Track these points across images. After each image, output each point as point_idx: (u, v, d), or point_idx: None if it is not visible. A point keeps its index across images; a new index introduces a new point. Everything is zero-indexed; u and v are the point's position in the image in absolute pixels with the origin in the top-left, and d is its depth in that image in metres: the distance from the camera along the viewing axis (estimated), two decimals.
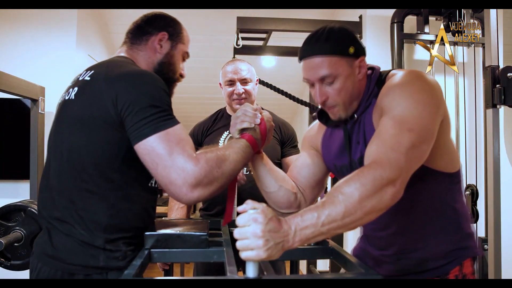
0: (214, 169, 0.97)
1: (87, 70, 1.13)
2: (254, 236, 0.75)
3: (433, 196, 1.08)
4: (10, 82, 2.10)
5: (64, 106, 1.09)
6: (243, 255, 0.76)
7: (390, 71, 1.10)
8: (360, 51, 1.07)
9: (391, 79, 1.05)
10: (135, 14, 1.28)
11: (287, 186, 1.22)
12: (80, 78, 1.10)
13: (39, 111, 2.41)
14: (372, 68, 1.12)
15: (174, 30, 1.26)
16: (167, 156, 0.94)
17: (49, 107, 2.63)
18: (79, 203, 1.01)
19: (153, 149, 0.95)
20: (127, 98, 0.97)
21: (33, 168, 2.38)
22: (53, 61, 2.76)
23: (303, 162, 1.29)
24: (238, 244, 0.76)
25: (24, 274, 2.19)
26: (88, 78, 1.07)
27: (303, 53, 1.10)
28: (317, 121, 1.28)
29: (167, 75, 1.23)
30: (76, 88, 1.08)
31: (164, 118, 0.98)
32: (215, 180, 0.98)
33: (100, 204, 1.01)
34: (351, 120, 1.10)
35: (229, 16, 2.99)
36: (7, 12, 2.75)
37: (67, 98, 1.10)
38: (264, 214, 0.77)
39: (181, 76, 1.29)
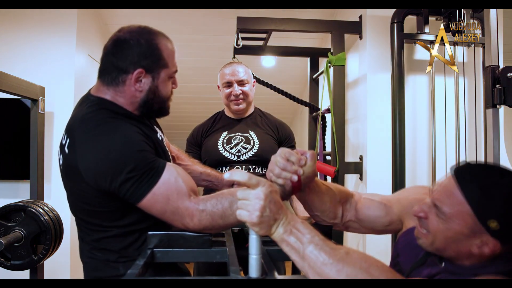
0: (216, 222, 1.03)
1: (66, 132, 1.13)
2: (256, 197, 0.77)
3: None
4: (10, 82, 2.10)
5: (62, 174, 1.17)
6: (237, 212, 0.78)
7: None
8: None
9: None
10: (135, 14, 1.25)
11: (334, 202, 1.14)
12: (64, 143, 1.12)
13: (39, 111, 2.40)
14: None
15: (150, 60, 1.11)
16: (163, 215, 1.04)
17: (49, 107, 2.63)
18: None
19: (149, 209, 1.04)
20: (106, 178, 1.01)
21: (33, 168, 2.38)
22: (53, 61, 2.75)
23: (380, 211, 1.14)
24: (239, 203, 0.79)
25: (24, 274, 2.19)
26: (67, 151, 1.09)
27: None
28: None
29: (155, 107, 1.17)
30: (61, 158, 1.14)
31: (145, 179, 1.01)
32: (218, 227, 1.04)
33: (109, 236, 1.12)
34: None
35: (229, 16, 2.99)
36: (7, 12, 2.74)
37: (60, 163, 1.16)
38: (270, 185, 0.79)
39: (173, 88, 1.22)
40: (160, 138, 1.25)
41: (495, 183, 0.80)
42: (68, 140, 1.09)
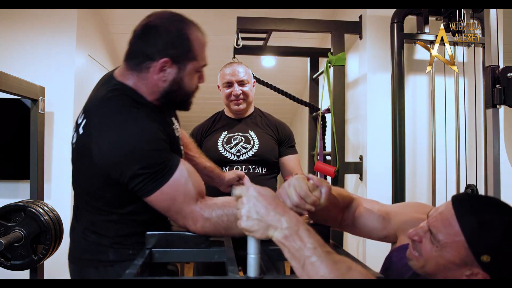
0: (218, 231, 1.03)
1: (83, 112, 1.11)
2: (242, 203, 0.80)
3: None
4: (10, 82, 2.10)
5: (73, 152, 1.14)
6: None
7: None
8: None
9: None
10: (135, 14, 1.22)
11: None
12: (79, 122, 1.09)
13: (39, 111, 2.41)
14: None
15: (178, 51, 1.06)
16: (167, 212, 1.04)
17: (49, 107, 2.63)
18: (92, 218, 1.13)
19: (154, 205, 1.03)
20: (117, 169, 0.99)
21: (33, 168, 2.38)
22: (53, 61, 2.75)
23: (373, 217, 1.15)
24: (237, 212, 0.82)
25: (24, 274, 2.19)
26: (81, 131, 1.06)
27: None
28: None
29: (177, 100, 1.13)
30: (75, 137, 1.11)
31: (156, 177, 1.00)
32: (220, 235, 1.05)
33: (107, 221, 1.10)
34: None
35: (229, 16, 2.98)
36: (7, 12, 2.75)
37: (73, 141, 1.13)
38: (259, 191, 0.80)
39: (199, 83, 1.19)
40: (177, 135, 1.23)
41: (493, 219, 0.80)
42: (84, 121, 1.06)
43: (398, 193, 2.21)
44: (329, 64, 2.54)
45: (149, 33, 1.05)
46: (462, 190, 2.23)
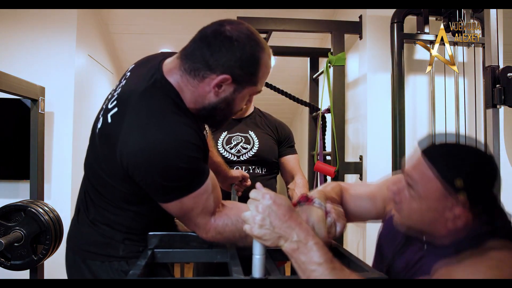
0: (227, 243, 1.02)
1: (116, 98, 1.02)
2: (256, 210, 0.80)
3: None
4: (10, 82, 2.10)
5: (94, 135, 1.05)
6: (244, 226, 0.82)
7: None
8: None
9: None
10: (135, 14, 1.20)
11: None
12: (109, 108, 1.01)
13: (39, 111, 2.40)
14: None
15: (244, 72, 0.97)
16: (181, 219, 1.02)
17: (49, 107, 2.63)
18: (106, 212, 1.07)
19: (168, 210, 0.99)
20: (140, 172, 0.93)
21: (33, 168, 2.38)
22: (53, 61, 2.75)
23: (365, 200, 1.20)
24: (244, 216, 0.82)
25: (24, 274, 2.19)
26: (110, 120, 0.98)
27: None
28: None
29: (218, 118, 1.06)
30: (101, 122, 1.03)
31: (178, 190, 0.95)
32: (228, 243, 1.03)
33: (121, 216, 1.06)
34: None
35: (229, 16, 2.98)
36: (7, 12, 2.74)
37: (98, 126, 1.04)
38: (275, 199, 0.80)
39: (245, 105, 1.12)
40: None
41: (461, 152, 0.86)
42: (116, 109, 0.98)
43: None
44: (329, 64, 2.54)
45: (221, 43, 0.96)
46: None
